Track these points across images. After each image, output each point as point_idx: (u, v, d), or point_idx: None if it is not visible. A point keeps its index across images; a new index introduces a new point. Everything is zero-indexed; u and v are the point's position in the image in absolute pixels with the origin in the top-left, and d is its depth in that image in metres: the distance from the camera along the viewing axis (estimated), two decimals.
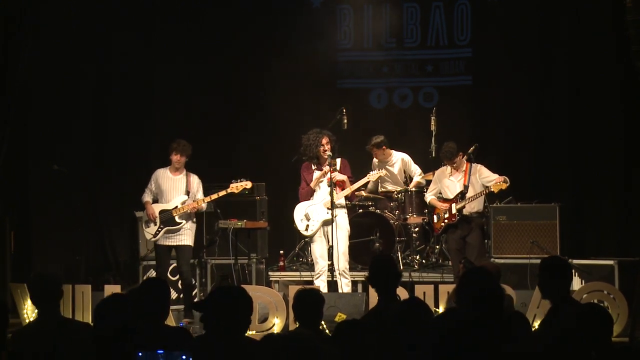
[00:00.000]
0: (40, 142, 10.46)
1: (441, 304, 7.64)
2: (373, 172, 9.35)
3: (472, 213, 8.98)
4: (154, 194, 9.05)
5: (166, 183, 9.00)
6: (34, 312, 8.12)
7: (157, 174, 9.06)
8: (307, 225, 8.90)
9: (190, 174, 9.07)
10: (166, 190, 8.98)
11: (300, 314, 5.11)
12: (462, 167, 9.06)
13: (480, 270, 4.77)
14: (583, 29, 10.81)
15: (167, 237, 8.93)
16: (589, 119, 10.87)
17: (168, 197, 8.97)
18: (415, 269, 9.79)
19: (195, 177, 9.09)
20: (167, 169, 9.06)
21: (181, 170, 9.03)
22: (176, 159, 8.94)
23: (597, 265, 9.14)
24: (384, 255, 8.67)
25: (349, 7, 11.82)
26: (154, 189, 9.04)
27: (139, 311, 4.46)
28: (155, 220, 8.90)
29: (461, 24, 11.59)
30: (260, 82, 11.58)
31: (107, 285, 8.68)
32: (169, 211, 8.90)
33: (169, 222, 8.91)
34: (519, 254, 9.35)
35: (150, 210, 8.93)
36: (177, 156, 8.92)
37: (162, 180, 9.01)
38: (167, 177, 9.03)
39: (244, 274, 9.82)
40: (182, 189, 8.98)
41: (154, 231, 8.91)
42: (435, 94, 11.71)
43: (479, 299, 4.13)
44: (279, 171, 11.19)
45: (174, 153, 8.93)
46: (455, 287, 4.40)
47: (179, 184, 8.99)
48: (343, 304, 8.04)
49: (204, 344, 4.34)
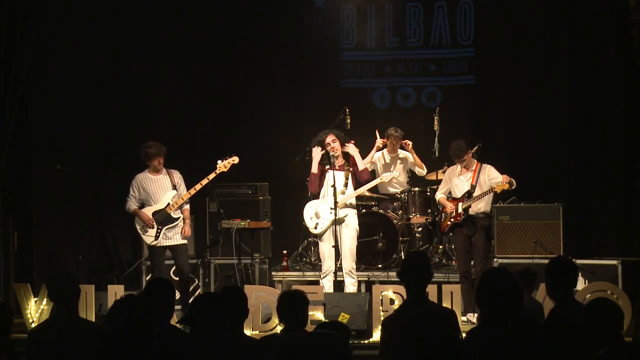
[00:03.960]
0: (43, 143, 10.46)
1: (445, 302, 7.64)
2: (386, 173, 9.35)
3: (479, 213, 8.96)
4: (139, 200, 8.99)
5: (150, 185, 8.96)
6: (38, 311, 8.14)
7: (138, 179, 8.99)
8: (317, 224, 8.89)
9: (170, 170, 9.06)
10: (152, 192, 8.94)
11: (285, 316, 5.07)
12: (472, 167, 9.04)
13: (499, 269, 4.77)
14: (586, 29, 10.80)
15: (165, 237, 8.90)
16: (592, 118, 10.87)
17: (156, 197, 8.94)
18: None
19: (176, 172, 9.09)
20: (145, 172, 9.01)
21: (161, 170, 9.02)
22: (157, 162, 8.91)
23: (600, 265, 9.14)
24: (418, 252, 8.69)
25: (352, 6, 11.81)
26: (138, 195, 8.97)
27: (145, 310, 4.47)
28: (152, 223, 8.86)
29: (464, 24, 11.58)
30: (262, 82, 11.58)
31: (110, 285, 8.68)
32: (163, 210, 8.88)
33: (166, 221, 8.89)
34: (522, 253, 9.34)
35: (144, 216, 8.87)
36: (158, 159, 8.90)
37: (145, 184, 8.96)
38: (150, 179, 8.99)
39: (247, 274, 9.81)
40: (168, 186, 8.97)
41: (154, 234, 8.87)
42: (438, 93, 11.70)
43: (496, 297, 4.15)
44: (282, 171, 11.19)
45: (154, 159, 8.88)
46: (475, 286, 4.42)
47: (163, 183, 8.98)
48: (346, 304, 8.03)
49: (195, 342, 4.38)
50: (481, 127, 11.29)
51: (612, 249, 10.26)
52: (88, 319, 6.82)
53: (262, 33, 11.61)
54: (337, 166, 8.88)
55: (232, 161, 9.06)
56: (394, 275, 8.66)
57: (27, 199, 10.38)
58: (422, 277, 5.12)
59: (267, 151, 11.57)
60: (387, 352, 4.95)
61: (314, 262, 10.24)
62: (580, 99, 10.90)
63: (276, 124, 11.42)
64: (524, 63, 11.22)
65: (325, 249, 8.85)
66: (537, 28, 11.18)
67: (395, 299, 7.64)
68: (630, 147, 10.53)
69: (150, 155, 8.86)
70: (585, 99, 10.87)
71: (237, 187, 10.44)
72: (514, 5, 11.23)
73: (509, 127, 11.33)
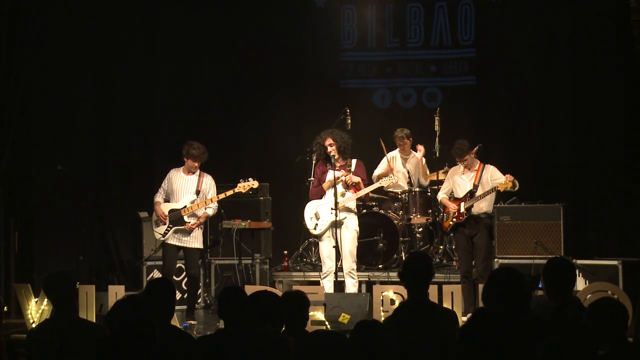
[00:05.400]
0: (43, 143, 10.46)
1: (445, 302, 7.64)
2: (385, 177, 9.35)
3: (481, 214, 8.94)
4: (167, 193, 9.06)
5: (178, 182, 9.00)
6: (39, 312, 8.14)
7: (171, 173, 9.07)
8: (316, 224, 8.89)
9: (204, 173, 9.06)
10: (177, 189, 8.98)
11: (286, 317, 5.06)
12: (475, 167, 9.03)
13: (507, 268, 4.77)
14: (586, 29, 10.80)
15: (177, 237, 8.93)
16: (592, 118, 10.86)
17: (178, 196, 8.98)
18: None
19: (209, 177, 9.06)
20: (180, 168, 9.06)
21: (195, 172, 9.03)
22: (193, 164, 8.94)
23: (601, 265, 9.12)
24: (419, 252, 8.68)
25: (353, 7, 11.82)
26: (167, 188, 9.06)
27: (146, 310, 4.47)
28: (165, 220, 8.92)
29: (465, 24, 11.58)
30: (263, 82, 11.59)
31: (111, 285, 8.66)
32: (178, 211, 8.92)
33: (177, 222, 8.92)
34: (522, 254, 9.33)
35: (160, 210, 8.95)
36: (194, 162, 8.92)
37: (174, 179, 9.01)
38: (180, 176, 9.03)
39: (248, 274, 9.81)
40: (192, 189, 8.98)
41: (163, 231, 8.95)
42: (438, 94, 11.70)
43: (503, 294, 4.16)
44: (283, 171, 11.21)
45: (192, 160, 8.90)
46: (484, 284, 4.43)
47: (189, 184, 8.99)
48: (347, 304, 8.02)
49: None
50: (481, 128, 11.29)
51: (612, 249, 10.26)
52: (88, 319, 6.82)
53: (262, 33, 11.62)
54: (338, 166, 8.88)
55: (251, 184, 9.03)
56: (394, 275, 8.65)
57: (27, 199, 10.37)
58: (422, 278, 5.12)
59: (267, 151, 11.58)
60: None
61: (315, 263, 10.24)
62: (581, 99, 10.90)
63: (277, 124, 11.41)
64: (524, 63, 11.22)
65: (325, 250, 8.85)
66: (537, 28, 11.18)
67: (395, 299, 7.62)
68: (630, 147, 10.52)
69: (190, 155, 8.89)
70: (586, 99, 10.87)
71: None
72: (514, 6, 11.24)
73: (509, 127, 11.33)
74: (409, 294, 5.22)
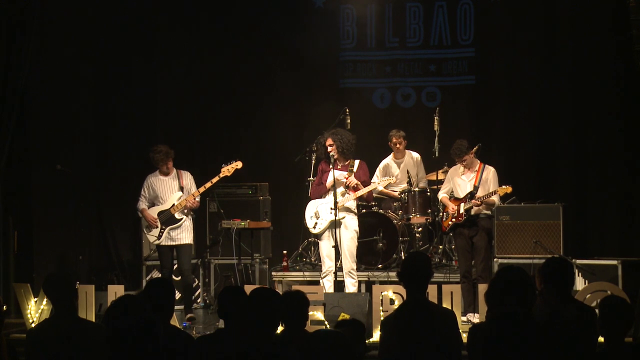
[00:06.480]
0: (43, 142, 10.45)
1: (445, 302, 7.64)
2: (384, 178, 9.34)
3: (480, 214, 8.96)
4: (149, 199, 9.20)
5: (159, 186, 9.17)
6: (38, 311, 8.14)
7: (149, 179, 9.24)
8: (316, 223, 8.90)
9: (180, 171, 9.25)
10: (160, 193, 9.16)
11: (285, 316, 5.07)
12: (475, 167, 9.03)
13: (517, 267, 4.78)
14: (586, 29, 10.80)
15: (169, 237, 9.07)
16: (592, 118, 10.86)
17: (164, 198, 9.16)
18: None
19: (187, 173, 9.28)
20: (156, 172, 9.23)
21: (170, 172, 9.14)
22: (164, 167, 9.11)
23: (600, 265, 9.13)
24: (418, 252, 8.69)
25: (352, 6, 11.81)
26: (148, 194, 9.20)
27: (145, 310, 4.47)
28: (156, 223, 9.04)
29: (464, 24, 11.58)
30: (262, 82, 11.59)
31: (110, 285, 8.67)
32: (167, 210, 9.07)
33: (169, 221, 9.07)
34: (522, 253, 9.32)
35: (149, 216, 9.10)
36: (165, 165, 9.08)
37: (155, 184, 9.19)
38: (159, 180, 9.20)
39: (247, 274, 9.82)
40: (175, 188, 9.15)
41: (157, 234, 9.07)
42: (438, 93, 11.70)
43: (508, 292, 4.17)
44: (282, 171, 11.21)
45: (160, 164, 9.08)
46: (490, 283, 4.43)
47: (171, 184, 9.18)
48: (346, 304, 8.02)
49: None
50: (481, 127, 11.28)
51: (612, 249, 10.26)
52: (88, 319, 6.81)
53: (262, 33, 11.62)
54: (340, 166, 8.88)
55: (235, 166, 9.13)
56: (394, 275, 8.65)
57: (27, 199, 10.36)
58: (422, 278, 5.11)
59: (267, 151, 11.58)
60: (387, 352, 4.95)
61: (314, 262, 10.24)
62: (580, 99, 10.89)
63: (276, 124, 11.41)
64: (524, 63, 11.21)
65: (325, 249, 8.85)
66: (537, 28, 11.18)
67: (395, 299, 7.63)
68: (630, 147, 10.52)
69: (156, 160, 9.10)
70: (585, 99, 10.86)
71: (237, 187, 10.46)
72: (514, 5, 11.23)
73: (509, 127, 11.32)
74: (408, 294, 5.22)
